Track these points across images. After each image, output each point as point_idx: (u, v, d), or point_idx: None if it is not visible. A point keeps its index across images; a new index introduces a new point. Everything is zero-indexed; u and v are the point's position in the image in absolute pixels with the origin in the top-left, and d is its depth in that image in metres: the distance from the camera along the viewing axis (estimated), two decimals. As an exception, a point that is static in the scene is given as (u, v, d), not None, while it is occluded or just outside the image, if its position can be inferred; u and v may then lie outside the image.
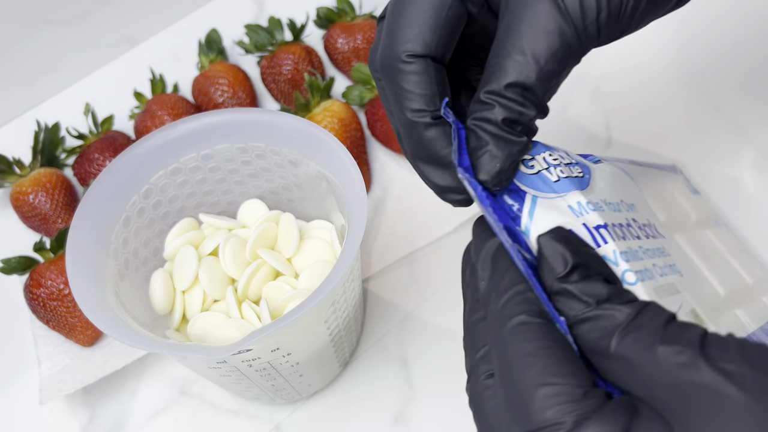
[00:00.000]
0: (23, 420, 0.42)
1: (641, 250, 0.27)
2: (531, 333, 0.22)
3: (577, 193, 0.26)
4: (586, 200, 0.26)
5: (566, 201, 0.26)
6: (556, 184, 0.26)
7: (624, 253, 0.25)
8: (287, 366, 0.34)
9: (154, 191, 0.37)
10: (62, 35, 0.52)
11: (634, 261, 0.26)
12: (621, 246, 0.25)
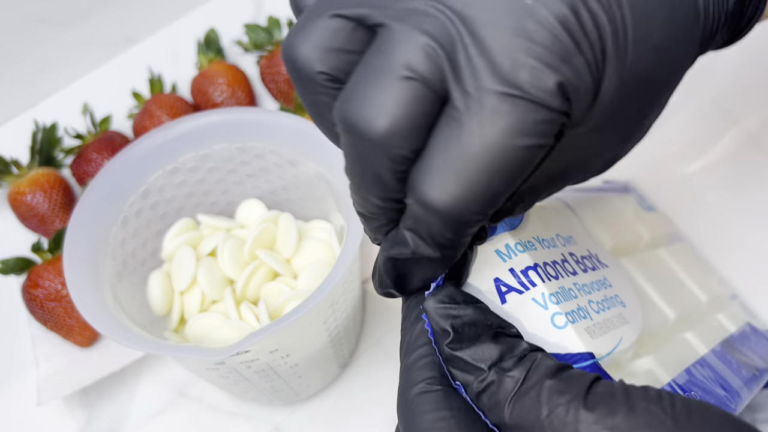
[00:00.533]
0: (21, 421, 0.42)
1: (576, 287, 0.27)
2: (429, 403, 0.22)
3: (506, 235, 0.26)
4: (515, 241, 0.26)
5: (493, 245, 0.25)
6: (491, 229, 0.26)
7: (554, 295, 0.25)
8: (286, 367, 0.34)
9: (152, 191, 0.37)
10: (60, 34, 0.52)
11: (567, 301, 0.25)
12: (551, 287, 0.25)
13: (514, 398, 0.21)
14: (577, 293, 0.26)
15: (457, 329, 0.22)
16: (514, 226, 0.26)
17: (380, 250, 0.23)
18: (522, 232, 0.26)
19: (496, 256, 0.25)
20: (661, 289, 0.33)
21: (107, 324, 0.30)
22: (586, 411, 0.19)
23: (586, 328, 0.26)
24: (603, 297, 0.28)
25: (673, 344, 0.31)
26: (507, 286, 0.25)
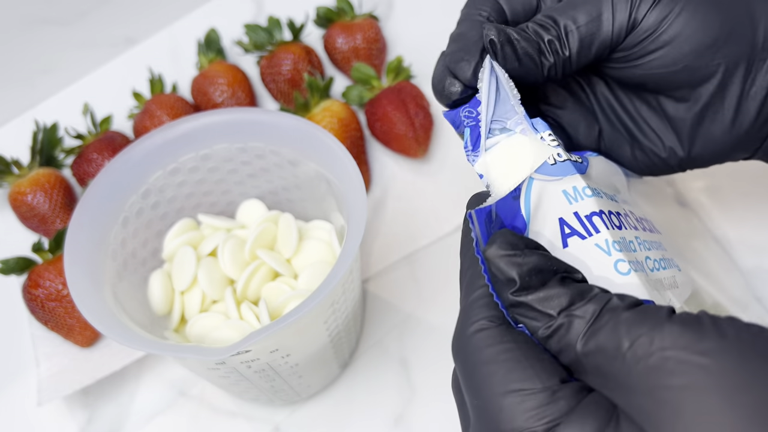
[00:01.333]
0: (21, 421, 0.42)
1: (637, 241, 0.26)
2: (489, 338, 0.21)
3: (577, 177, 0.25)
4: (583, 185, 0.25)
5: (561, 185, 0.25)
6: (553, 167, 0.25)
7: (617, 242, 0.24)
8: (286, 367, 0.34)
9: (152, 192, 0.37)
10: (61, 35, 0.52)
11: (627, 252, 0.25)
12: (614, 235, 0.25)
13: (588, 334, 0.20)
14: (638, 247, 0.26)
15: (523, 277, 0.21)
16: (582, 171, 0.26)
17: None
18: (588, 179, 0.26)
19: (562, 197, 0.25)
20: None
21: (108, 324, 0.30)
22: (672, 336, 0.18)
23: (645, 279, 0.25)
24: (661, 257, 0.28)
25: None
26: (571, 229, 0.25)
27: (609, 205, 0.26)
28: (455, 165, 0.47)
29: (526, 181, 0.25)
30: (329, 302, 0.32)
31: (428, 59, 0.52)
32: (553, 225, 0.25)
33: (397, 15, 0.55)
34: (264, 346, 0.31)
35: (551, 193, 0.25)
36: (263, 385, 0.35)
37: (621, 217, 0.26)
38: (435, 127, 0.48)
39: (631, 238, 0.26)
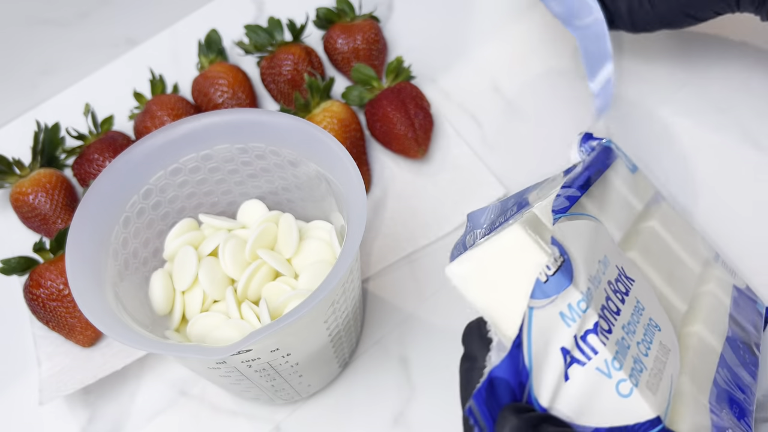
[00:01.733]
0: (22, 420, 0.42)
1: (624, 330, 0.26)
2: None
3: (570, 291, 0.24)
4: (578, 298, 0.24)
5: (558, 306, 0.24)
6: (546, 285, 0.24)
7: (615, 358, 0.24)
8: (287, 366, 0.34)
9: (153, 192, 0.37)
10: (62, 35, 0.52)
11: (625, 358, 0.25)
12: (611, 349, 0.24)
13: None
14: (629, 340, 0.26)
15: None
16: (569, 275, 0.25)
17: None
18: (578, 280, 0.25)
19: (560, 322, 0.24)
20: (667, 277, 0.32)
21: (109, 323, 0.30)
22: None
23: (647, 384, 0.25)
24: (644, 329, 0.27)
25: (692, 350, 0.30)
26: (572, 358, 0.24)
27: (597, 300, 0.25)
28: (455, 165, 0.47)
29: (525, 317, 0.24)
30: (329, 302, 0.32)
31: (428, 60, 0.53)
32: (557, 360, 0.24)
33: (397, 16, 0.55)
34: (264, 346, 0.31)
35: (550, 320, 0.24)
36: (264, 385, 0.35)
37: (606, 312, 0.25)
38: (435, 128, 0.49)
39: (621, 335, 0.26)
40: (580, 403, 0.24)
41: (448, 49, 0.53)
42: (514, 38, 0.53)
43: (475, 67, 0.52)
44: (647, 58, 0.51)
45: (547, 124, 0.49)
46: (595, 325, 0.25)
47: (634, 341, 0.26)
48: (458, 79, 0.51)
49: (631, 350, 0.26)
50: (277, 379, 0.35)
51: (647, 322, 0.28)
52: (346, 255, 0.31)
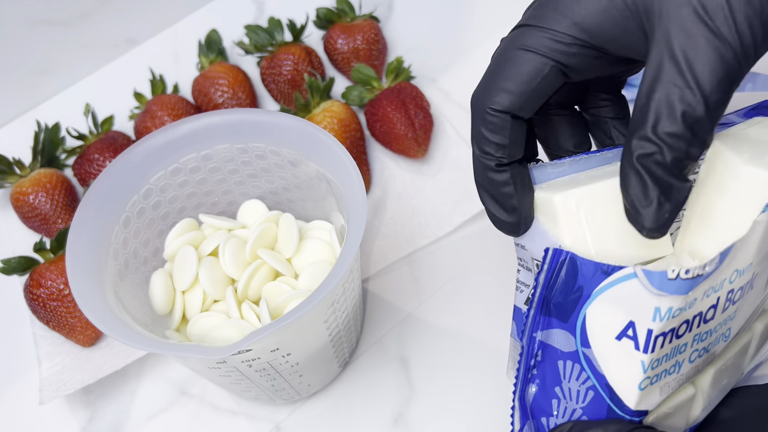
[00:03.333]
0: (23, 420, 0.42)
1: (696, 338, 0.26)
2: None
3: (680, 299, 0.24)
4: (679, 306, 0.24)
5: (659, 301, 0.24)
6: (668, 282, 0.24)
7: (655, 361, 0.25)
8: (287, 366, 0.34)
9: (154, 191, 0.37)
10: (62, 36, 0.52)
11: (659, 366, 0.26)
12: (658, 354, 0.25)
13: None
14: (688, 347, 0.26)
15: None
16: (696, 285, 0.24)
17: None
18: (698, 290, 0.25)
19: (651, 312, 0.24)
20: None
21: (109, 323, 0.31)
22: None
23: (660, 388, 0.27)
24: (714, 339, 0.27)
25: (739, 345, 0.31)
26: (632, 336, 0.25)
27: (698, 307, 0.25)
28: (455, 165, 0.47)
29: (627, 270, 0.25)
30: (329, 302, 0.32)
31: (428, 60, 0.53)
32: (620, 321, 0.25)
33: (397, 16, 0.55)
34: (264, 346, 0.31)
35: (641, 301, 0.24)
36: (264, 384, 0.35)
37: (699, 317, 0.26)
38: (435, 128, 0.49)
39: (686, 340, 0.26)
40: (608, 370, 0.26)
41: (448, 49, 0.53)
42: (514, 38, 0.53)
43: (475, 67, 0.52)
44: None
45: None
46: (672, 330, 0.25)
47: (689, 352, 0.27)
48: (458, 79, 0.51)
49: (678, 356, 0.26)
50: (278, 379, 0.35)
51: (725, 331, 0.28)
52: (346, 255, 0.31)
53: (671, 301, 0.24)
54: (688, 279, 0.23)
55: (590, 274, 0.26)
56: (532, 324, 0.28)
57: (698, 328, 0.26)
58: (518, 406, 0.30)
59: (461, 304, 0.43)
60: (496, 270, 0.44)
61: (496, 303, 0.42)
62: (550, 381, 0.29)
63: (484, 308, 0.42)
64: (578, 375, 0.28)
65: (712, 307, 0.26)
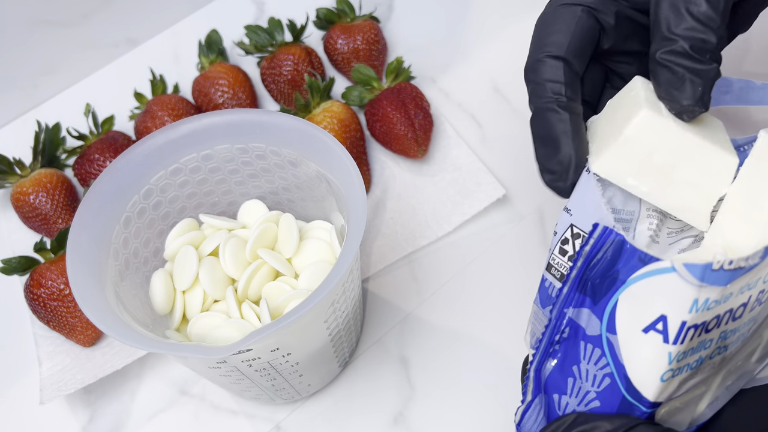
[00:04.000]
0: (23, 420, 0.42)
1: (721, 335, 0.26)
2: None
3: (716, 289, 0.24)
4: (717, 297, 0.24)
5: (697, 293, 0.24)
6: (715, 273, 0.24)
7: (681, 353, 0.25)
8: (287, 366, 0.34)
9: (154, 191, 0.37)
10: (63, 36, 0.53)
11: (684, 359, 0.26)
12: (686, 346, 0.25)
13: None
14: (712, 344, 0.26)
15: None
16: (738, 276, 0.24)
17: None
18: (738, 284, 0.24)
19: (688, 303, 0.24)
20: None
21: (110, 323, 0.31)
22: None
23: (680, 381, 0.26)
24: (736, 339, 0.27)
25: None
26: (662, 330, 0.25)
27: (729, 304, 0.25)
28: (455, 165, 0.47)
29: (665, 263, 0.24)
30: (329, 302, 0.32)
31: (428, 60, 0.53)
32: (651, 314, 0.25)
33: (397, 16, 0.55)
34: (265, 345, 0.31)
35: (679, 294, 0.24)
36: (264, 384, 0.35)
37: (729, 313, 0.26)
38: (435, 128, 0.49)
39: (713, 336, 0.26)
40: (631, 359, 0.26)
41: (448, 49, 0.53)
42: (514, 38, 0.53)
43: (475, 67, 0.52)
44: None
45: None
46: (704, 323, 0.25)
47: (698, 355, 0.27)
48: (458, 79, 0.51)
49: (687, 358, 0.26)
50: (278, 379, 0.35)
51: (745, 332, 0.28)
52: (346, 255, 0.31)
53: (709, 292, 0.24)
54: (729, 270, 0.24)
55: (629, 259, 0.26)
56: (565, 299, 0.28)
57: (726, 325, 0.26)
58: (533, 377, 0.30)
59: (461, 304, 0.43)
60: (497, 270, 0.44)
61: (497, 303, 0.42)
62: (570, 359, 0.29)
63: (484, 308, 0.42)
64: (598, 359, 0.28)
65: (743, 305, 0.26)
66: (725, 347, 0.27)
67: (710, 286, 0.24)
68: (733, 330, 0.27)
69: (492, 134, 0.49)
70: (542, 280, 0.31)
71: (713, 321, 0.25)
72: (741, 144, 0.29)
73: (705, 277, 0.24)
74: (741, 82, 0.33)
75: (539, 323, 0.31)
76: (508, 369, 0.40)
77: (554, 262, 0.30)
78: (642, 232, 0.29)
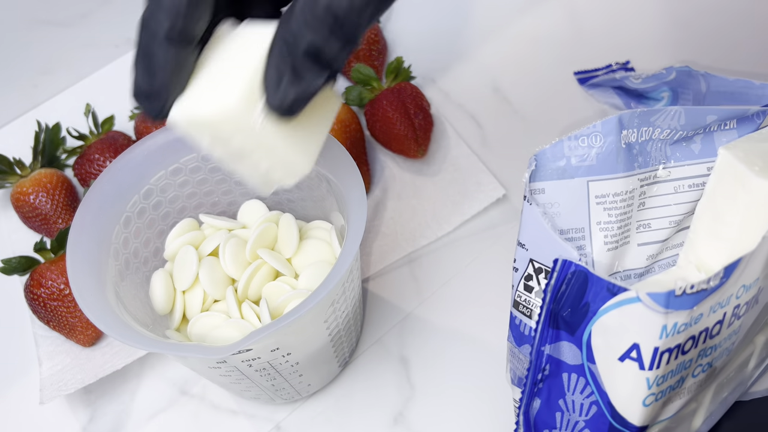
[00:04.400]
0: (23, 420, 0.42)
1: (701, 355, 0.26)
2: None
3: (683, 313, 0.24)
4: (685, 321, 0.24)
5: (665, 319, 0.24)
6: (678, 298, 0.24)
7: (660, 377, 0.25)
8: (287, 366, 0.34)
9: (154, 191, 0.37)
10: (62, 36, 0.53)
11: (664, 382, 0.26)
12: (663, 371, 0.25)
13: None
14: (693, 363, 0.26)
15: None
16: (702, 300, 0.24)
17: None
18: (704, 306, 0.24)
19: (657, 330, 0.24)
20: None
21: (110, 323, 0.31)
22: None
23: (664, 403, 0.26)
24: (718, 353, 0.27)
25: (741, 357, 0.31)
26: (636, 358, 0.25)
27: (702, 324, 0.25)
28: (455, 166, 0.47)
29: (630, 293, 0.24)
30: (329, 302, 0.32)
31: (428, 60, 0.53)
32: (624, 343, 0.25)
33: (397, 16, 0.55)
34: (264, 345, 0.31)
35: (647, 322, 0.24)
36: (264, 384, 0.35)
37: (705, 333, 0.25)
38: (435, 128, 0.49)
39: (692, 356, 0.26)
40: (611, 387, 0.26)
41: (448, 49, 0.53)
42: (514, 38, 0.53)
43: (475, 67, 0.52)
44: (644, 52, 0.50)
45: (547, 125, 0.49)
46: (678, 346, 0.25)
47: (696, 365, 0.27)
48: (458, 79, 0.51)
49: (669, 381, 0.26)
50: (278, 379, 0.35)
51: (729, 345, 0.28)
52: (345, 255, 0.31)
53: (677, 317, 0.24)
54: (693, 293, 0.23)
55: (597, 291, 0.25)
56: (540, 338, 0.28)
57: (704, 343, 0.26)
58: (522, 421, 0.30)
59: (461, 304, 0.43)
60: (496, 270, 0.44)
61: (496, 302, 0.42)
62: (555, 394, 0.29)
63: (484, 308, 0.42)
64: (583, 388, 0.28)
65: (719, 323, 0.26)
66: (708, 364, 0.27)
67: (676, 311, 0.24)
68: (714, 347, 0.27)
69: (492, 134, 0.49)
70: (511, 318, 0.31)
71: (688, 342, 0.25)
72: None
73: (670, 304, 0.23)
74: (740, 82, 0.33)
75: (517, 361, 0.31)
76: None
77: (521, 299, 0.30)
78: (598, 244, 0.29)
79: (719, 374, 0.29)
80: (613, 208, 0.29)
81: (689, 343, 0.25)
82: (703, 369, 0.27)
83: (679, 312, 0.24)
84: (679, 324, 0.24)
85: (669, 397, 0.27)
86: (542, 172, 0.29)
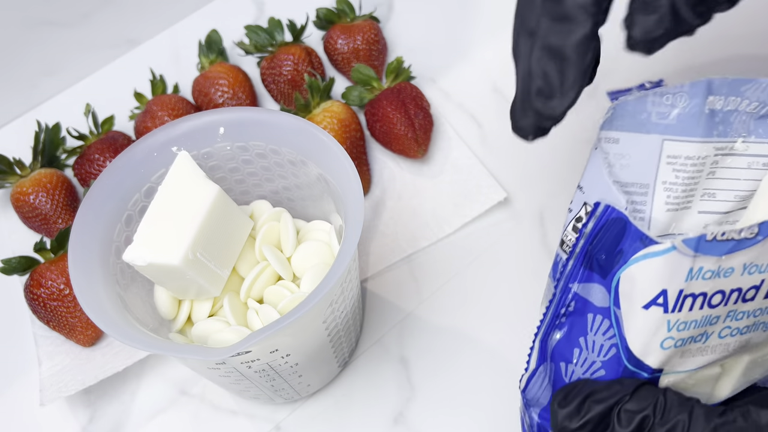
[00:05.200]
0: (23, 421, 0.42)
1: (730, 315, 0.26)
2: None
3: (712, 259, 0.24)
4: (713, 267, 0.25)
5: (693, 262, 0.24)
6: (708, 243, 0.24)
7: (681, 323, 0.26)
8: (286, 367, 0.34)
9: (155, 190, 0.37)
10: (63, 36, 0.53)
11: (687, 330, 0.26)
12: (686, 316, 0.26)
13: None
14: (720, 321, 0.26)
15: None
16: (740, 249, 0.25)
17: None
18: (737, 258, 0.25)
19: (684, 273, 0.25)
20: None
21: (110, 322, 0.31)
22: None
23: (683, 353, 0.27)
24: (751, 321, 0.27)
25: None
26: (663, 303, 0.25)
27: (733, 281, 0.25)
28: (455, 166, 0.47)
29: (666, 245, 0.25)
30: (327, 302, 0.32)
31: (428, 60, 0.53)
32: (649, 292, 0.26)
33: (397, 16, 0.55)
34: (264, 347, 0.31)
35: (677, 268, 0.25)
36: (263, 385, 0.35)
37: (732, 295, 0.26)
38: (435, 128, 0.49)
39: (720, 313, 0.26)
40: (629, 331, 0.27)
41: (448, 49, 0.53)
42: (514, 39, 0.53)
43: (475, 67, 0.52)
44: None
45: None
46: (703, 294, 0.25)
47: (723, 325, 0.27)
48: (458, 80, 0.51)
49: (691, 331, 0.26)
50: (277, 380, 0.35)
51: (766, 320, 0.28)
52: (343, 256, 0.31)
53: (704, 261, 0.24)
54: (723, 241, 0.24)
55: (633, 240, 0.26)
56: (570, 274, 0.28)
57: (735, 304, 0.26)
58: (537, 348, 0.31)
59: (461, 303, 0.43)
60: (496, 270, 0.44)
61: (496, 302, 0.42)
62: (577, 331, 0.29)
63: (483, 308, 0.42)
64: (606, 330, 0.28)
65: (754, 287, 0.26)
66: (740, 330, 0.27)
67: (704, 256, 0.24)
68: (747, 313, 0.27)
69: (492, 134, 0.49)
70: (556, 255, 0.31)
71: (716, 296, 0.25)
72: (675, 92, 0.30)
73: (699, 248, 0.24)
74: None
75: (549, 292, 0.31)
76: (507, 369, 0.40)
77: (566, 239, 0.30)
78: (659, 203, 0.29)
79: (754, 350, 0.29)
80: (682, 170, 0.29)
81: (717, 296, 0.25)
82: (731, 333, 0.27)
83: (707, 257, 0.24)
84: (704, 269, 0.25)
85: (689, 348, 0.27)
86: (620, 122, 0.29)
